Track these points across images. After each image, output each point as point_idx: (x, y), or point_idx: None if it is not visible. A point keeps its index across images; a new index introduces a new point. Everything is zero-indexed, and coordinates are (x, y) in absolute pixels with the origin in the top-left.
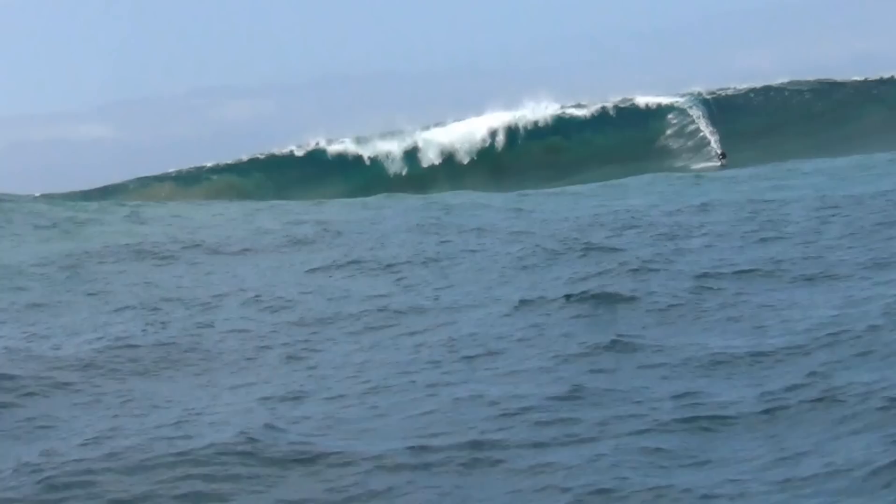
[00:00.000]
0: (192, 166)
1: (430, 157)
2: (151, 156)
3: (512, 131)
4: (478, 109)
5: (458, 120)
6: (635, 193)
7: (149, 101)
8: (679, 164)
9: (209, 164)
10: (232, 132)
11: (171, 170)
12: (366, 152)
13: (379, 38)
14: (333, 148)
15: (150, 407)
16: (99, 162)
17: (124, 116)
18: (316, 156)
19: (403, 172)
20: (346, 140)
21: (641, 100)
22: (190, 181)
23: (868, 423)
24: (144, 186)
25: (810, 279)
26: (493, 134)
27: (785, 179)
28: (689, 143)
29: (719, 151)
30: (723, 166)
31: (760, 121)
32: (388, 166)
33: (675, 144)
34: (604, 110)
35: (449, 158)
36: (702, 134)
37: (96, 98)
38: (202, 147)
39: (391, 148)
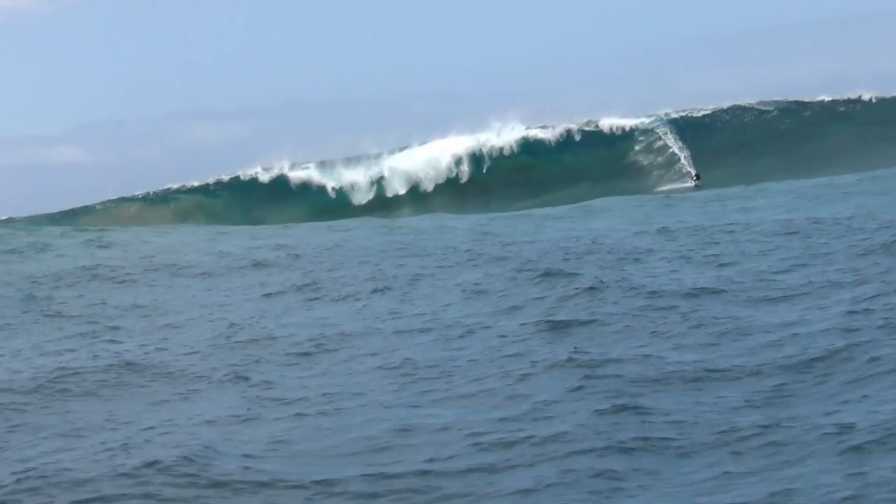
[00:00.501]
0: (159, 189)
1: (396, 182)
2: (121, 179)
3: (479, 154)
4: (446, 132)
5: (425, 143)
6: (603, 216)
7: (120, 124)
8: (653, 185)
9: (174, 186)
10: (202, 155)
11: (137, 192)
12: (331, 177)
13: (349, 63)
14: (298, 173)
15: (98, 428)
16: (69, 185)
17: (95, 140)
18: (281, 180)
19: (369, 196)
20: (311, 165)
21: (614, 121)
22: (156, 202)
23: (817, 450)
24: (110, 209)
25: (768, 300)
26: (461, 157)
27: (751, 200)
28: (663, 164)
29: (693, 172)
30: (697, 187)
31: (730, 141)
32: (354, 190)
33: (648, 166)
34: (574, 132)
35: (415, 182)
36: (675, 155)
37: (67, 121)
38: (172, 170)
39: (357, 172)
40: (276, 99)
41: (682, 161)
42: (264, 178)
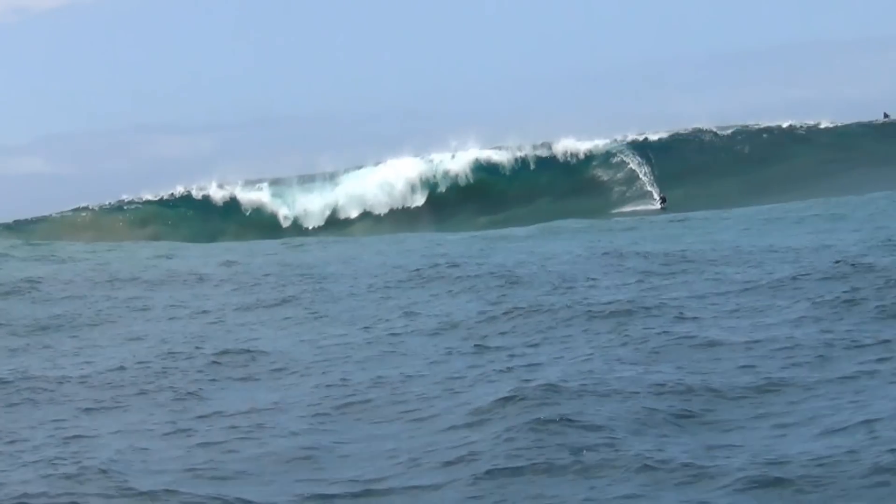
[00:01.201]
0: (114, 201)
1: (349, 203)
2: (85, 190)
3: (432, 177)
4: (404, 151)
5: (381, 163)
6: (559, 238)
7: (86, 135)
8: (618, 207)
9: (128, 198)
10: (167, 169)
11: (90, 204)
12: (284, 198)
13: (315, 80)
14: (250, 195)
15: (21, 440)
16: (31, 195)
17: (60, 151)
18: (233, 199)
19: (322, 216)
20: (265, 184)
21: (578, 144)
22: (109, 214)
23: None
24: (64, 219)
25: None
26: (414, 181)
27: (711, 224)
28: (628, 187)
29: (659, 195)
30: (663, 209)
31: (690, 164)
32: (306, 213)
33: (613, 188)
34: (535, 153)
35: (368, 203)
36: (639, 177)
37: (33, 131)
38: (136, 182)
39: (311, 194)
40: (243, 114)
41: (647, 184)
42: (217, 195)
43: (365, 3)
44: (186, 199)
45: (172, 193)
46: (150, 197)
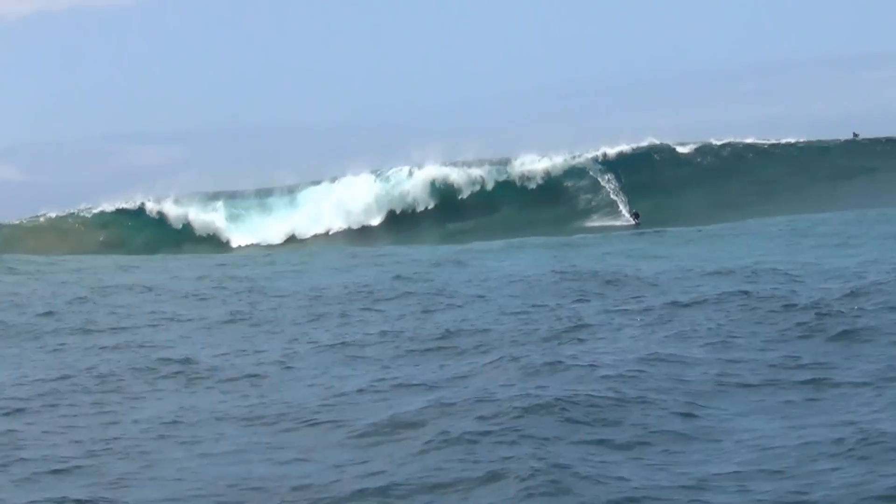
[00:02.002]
0: (63, 212)
1: (304, 218)
2: (56, 198)
3: (397, 191)
4: (380, 164)
5: (342, 176)
6: (520, 254)
7: (59, 144)
8: (590, 223)
9: (80, 209)
10: (138, 178)
11: (46, 212)
12: (238, 210)
13: (288, 92)
14: (203, 217)
15: None
16: (4, 203)
17: (32, 159)
18: (184, 217)
19: (277, 231)
20: (220, 201)
21: (548, 160)
22: (58, 225)
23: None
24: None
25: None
26: (370, 202)
27: (657, 246)
28: (600, 203)
29: (632, 211)
30: (637, 225)
31: (662, 180)
32: (259, 225)
33: (585, 204)
34: (511, 168)
35: (332, 216)
36: (611, 194)
37: (4, 140)
38: (107, 191)
39: (264, 206)
40: (214, 124)
41: (619, 200)
42: (171, 211)
43: (337, 15)
44: (138, 212)
45: (123, 206)
46: (105, 208)
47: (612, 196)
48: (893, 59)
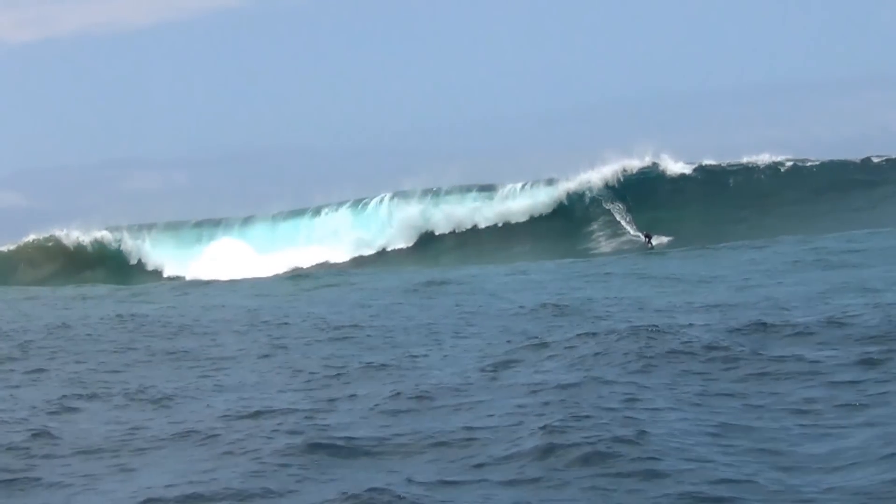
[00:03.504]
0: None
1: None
2: (59, 223)
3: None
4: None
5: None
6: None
7: (61, 170)
8: (604, 248)
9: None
10: (141, 203)
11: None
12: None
13: (293, 115)
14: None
15: None
16: (9, 228)
17: (36, 184)
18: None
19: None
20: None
21: (558, 184)
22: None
23: None
24: None
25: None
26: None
27: (632, 273)
28: (609, 227)
29: (644, 234)
30: (650, 248)
31: (665, 202)
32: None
33: (595, 228)
34: (520, 191)
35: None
36: (620, 217)
37: (9, 165)
38: (110, 216)
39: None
40: (215, 149)
41: (626, 224)
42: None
43: (341, 37)
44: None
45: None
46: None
47: (618, 218)
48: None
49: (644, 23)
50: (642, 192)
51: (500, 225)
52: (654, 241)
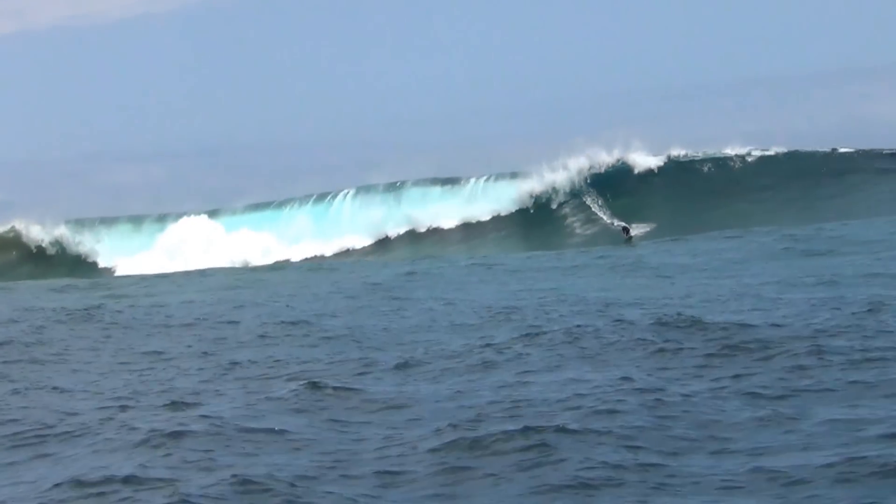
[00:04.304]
0: None
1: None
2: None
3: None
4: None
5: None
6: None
7: (37, 164)
8: (575, 240)
9: None
10: (117, 196)
11: None
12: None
13: (270, 108)
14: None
15: None
16: None
17: (11, 178)
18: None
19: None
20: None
21: (529, 178)
22: None
23: None
24: None
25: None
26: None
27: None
28: (588, 220)
29: (622, 226)
30: (629, 240)
31: (637, 194)
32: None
33: (573, 221)
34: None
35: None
36: (598, 212)
37: None
38: (86, 210)
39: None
40: (195, 142)
41: (605, 216)
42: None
43: (314, 29)
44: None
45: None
46: None
47: (592, 209)
48: (876, 73)
49: (616, 17)
50: (612, 184)
51: (466, 218)
52: (633, 231)
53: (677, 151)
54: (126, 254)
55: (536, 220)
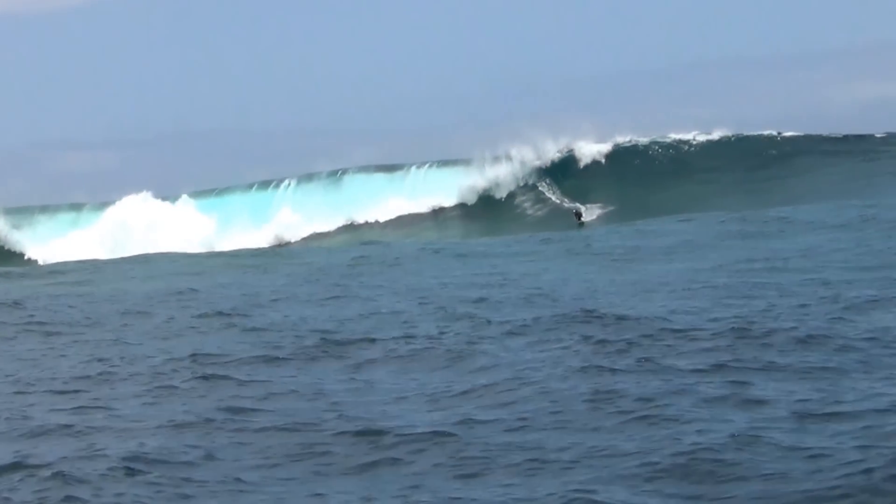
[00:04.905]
0: None
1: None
2: None
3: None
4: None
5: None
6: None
7: None
8: (533, 225)
9: None
10: (68, 185)
11: None
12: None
13: (223, 96)
14: None
15: None
16: None
17: None
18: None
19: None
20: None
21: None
22: None
23: None
24: None
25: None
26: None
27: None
28: (540, 204)
29: (574, 211)
30: (581, 225)
31: (586, 180)
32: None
33: (526, 206)
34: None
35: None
36: (550, 194)
37: None
38: (35, 199)
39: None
40: (147, 130)
41: (558, 200)
42: None
43: (266, 17)
44: None
45: None
46: None
47: (556, 196)
48: (825, 58)
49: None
50: (560, 171)
51: (407, 207)
52: (585, 217)
53: (624, 137)
54: (64, 240)
55: (483, 207)
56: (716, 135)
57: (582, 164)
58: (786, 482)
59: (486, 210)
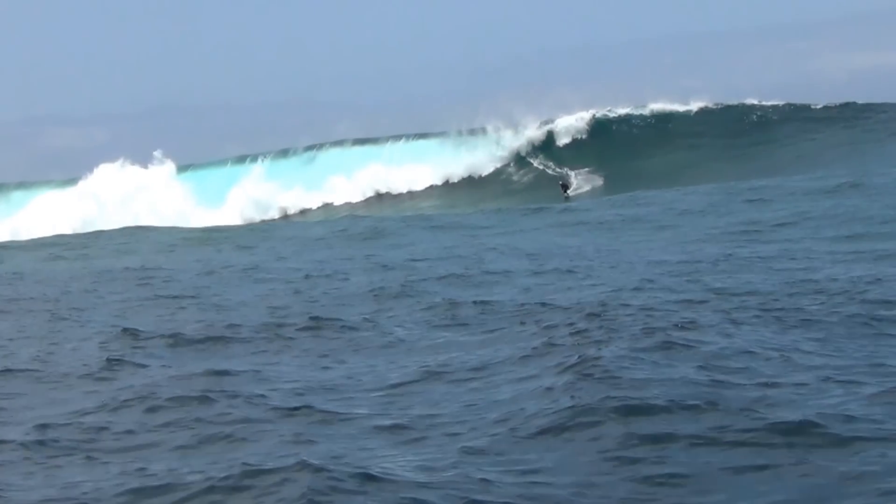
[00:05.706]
0: None
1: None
2: None
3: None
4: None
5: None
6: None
7: None
8: (524, 196)
9: None
10: (60, 160)
11: None
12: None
13: (214, 70)
14: None
15: None
16: None
17: None
18: None
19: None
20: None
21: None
22: None
23: None
24: None
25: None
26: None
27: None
28: (529, 176)
29: (560, 183)
30: (567, 198)
31: (568, 152)
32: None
33: (514, 178)
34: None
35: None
36: (540, 167)
37: None
38: (28, 174)
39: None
40: (137, 104)
41: (547, 171)
42: None
43: None
44: None
45: None
46: None
47: (547, 168)
48: (812, 29)
49: None
50: (543, 144)
51: (386, 180)
52: (572, 188)
53: (605, 109)
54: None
55: (465, 181)
56: (696, 105)
57: (564, 137)
58: None
59: (468, 184)
